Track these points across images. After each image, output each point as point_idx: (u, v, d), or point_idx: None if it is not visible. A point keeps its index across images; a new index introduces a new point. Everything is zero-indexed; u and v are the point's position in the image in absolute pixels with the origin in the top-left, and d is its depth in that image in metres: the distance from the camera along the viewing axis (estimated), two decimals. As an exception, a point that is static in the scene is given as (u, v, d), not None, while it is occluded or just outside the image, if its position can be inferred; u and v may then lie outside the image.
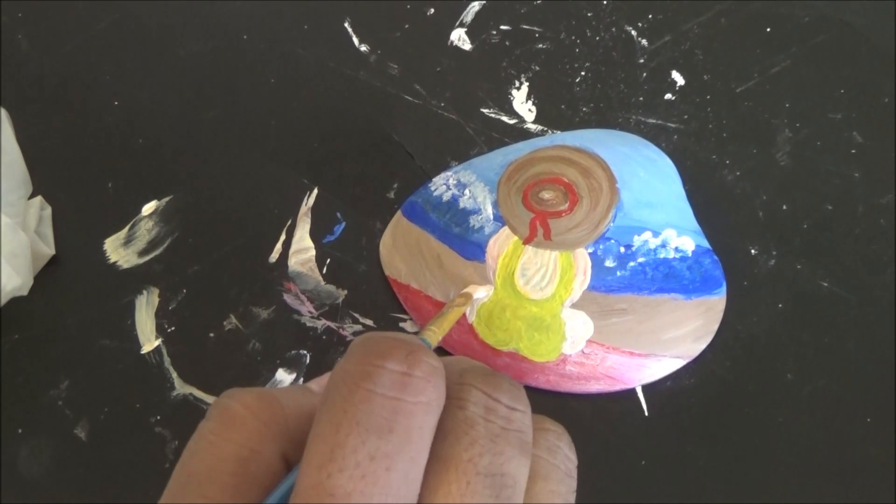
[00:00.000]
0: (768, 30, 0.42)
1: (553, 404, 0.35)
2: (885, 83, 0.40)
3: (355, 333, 0.37)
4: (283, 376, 0.36)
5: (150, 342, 0.38)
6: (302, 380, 0.36)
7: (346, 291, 0.38)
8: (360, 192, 0.40)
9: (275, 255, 0.39)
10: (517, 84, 0.42)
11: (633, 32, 0.43)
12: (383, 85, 0.43)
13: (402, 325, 0.37)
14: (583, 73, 0.42)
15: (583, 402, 0.35)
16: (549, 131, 0.41)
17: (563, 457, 0.20)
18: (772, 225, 0.37)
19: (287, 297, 0.38)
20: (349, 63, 0.44)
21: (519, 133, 0.41)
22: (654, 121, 0.40)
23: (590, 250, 0.35)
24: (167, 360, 0.37)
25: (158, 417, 0.36)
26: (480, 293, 0.35)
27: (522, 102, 0.42)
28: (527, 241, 0.36)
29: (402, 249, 0.38)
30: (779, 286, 0.36)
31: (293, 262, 0.39)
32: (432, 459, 0.18)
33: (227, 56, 0.45)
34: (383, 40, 0.44)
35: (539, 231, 0.36)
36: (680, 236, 0.36)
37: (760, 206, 0.38)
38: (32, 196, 0.40)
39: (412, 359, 0.18)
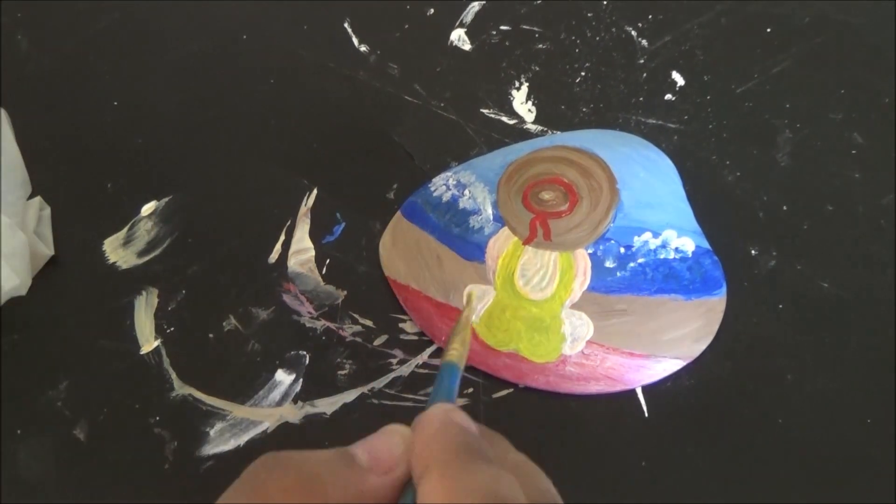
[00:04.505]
0: (768, 30, 0.42)
1: (553, 405, 0.34)
2: (885, 83, 0.40)
3: (355, 334, 0.37)
4: (283, 377, 0.36)
5: (149, 343, 0.38)
6: (301, 382, 0.36)
7: (345, 292, 0.38)
8: (360, 192, 0.40)
9: (274, 256, 0.39)
10: (517, 84, 0.42)
11: (633, 33, 0.43)
12: (383, 85, 0.43)
13: (401, 325, 0.37)
14: (583, 74, 0.42)
15: (583, 402, 0.34)
16: (549, 132, 0.41)
17: None
18: (772, 226, 0.37)
19: (286, 298, 0.38)
20: (349, 63, 0.44)
21: (519, 133, 0.41)
22: (654, 121, 0.40)
23: (590, 251, 0.35)
24: (166, 361, 0.37)
25: (157, 418, 0.36)
26: (479, 292, 0.35)
27: (522, 103, 0.42)
28: (526, 242, 0.36)
29: (401, 250, 0.38)
30: (779, 287, 0.36)
31: (293, 263, 0.39)
32: None
33: (226, 56, 0.45)
34: (383, 40, 0.44)
35: (539, 231, 0.36)
36: (680, 237, 0.36)
37: (761, 206, 0.38)
38: (32, 196, 0.40)
39: None
